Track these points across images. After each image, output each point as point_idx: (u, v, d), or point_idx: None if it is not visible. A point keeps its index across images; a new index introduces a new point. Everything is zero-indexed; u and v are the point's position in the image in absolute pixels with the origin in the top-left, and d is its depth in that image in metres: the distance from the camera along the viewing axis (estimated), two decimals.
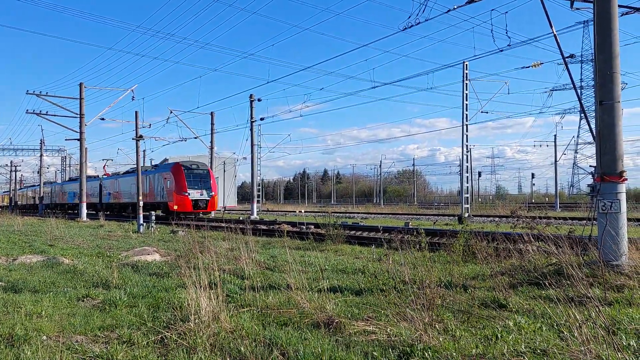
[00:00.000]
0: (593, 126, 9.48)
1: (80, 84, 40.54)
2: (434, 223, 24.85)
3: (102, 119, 43.96)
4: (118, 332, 5.98)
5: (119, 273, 9.91)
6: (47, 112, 40.91)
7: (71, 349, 5.36)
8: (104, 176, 53.77)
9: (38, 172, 72.53)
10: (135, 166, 32.63)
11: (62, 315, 6.91)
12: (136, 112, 27.65)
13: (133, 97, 42.34)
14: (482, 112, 35.35)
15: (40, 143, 67.68)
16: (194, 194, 36.71)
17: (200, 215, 37.58)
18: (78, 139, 40.60)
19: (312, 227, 22.76)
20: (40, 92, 39.91)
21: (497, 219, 28.90)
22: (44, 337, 5.80)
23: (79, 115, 40.26)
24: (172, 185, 36.81)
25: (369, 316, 6.28)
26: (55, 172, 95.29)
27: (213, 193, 37.90)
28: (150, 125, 62.87)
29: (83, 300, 7.91)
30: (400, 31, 17.84)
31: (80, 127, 40.21)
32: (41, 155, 68.22)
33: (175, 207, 36.21)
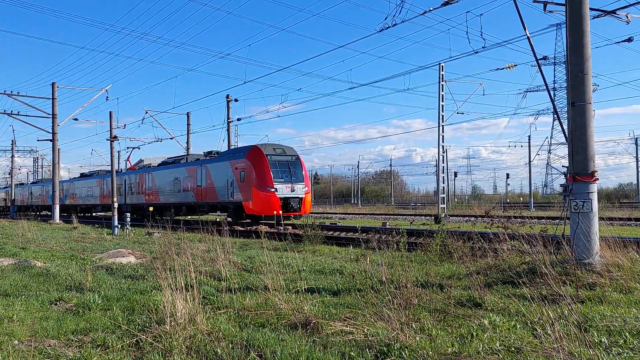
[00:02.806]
0: (565, 127, 9.65)
1: (53, 84, 39.83)
2: (411, 223, 24.98)
3: (76, 119, 43.53)
4: (92, 336, 5.88)
5: (93, 276, 9.76)
6: (18, 112, 40.05)
7: (44, 354, 5.26)
8: (129, 170, 42.48)
9: (9, 174, 71.04)
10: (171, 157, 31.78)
11: (35, 319, 6.77)
12: (110, 112, 27.45)
13: (107, 97, 41.68)
14: (458, 113, 35.79)
15: (12, 144, 66.39)
16: (283, 190, 25.63)
17: (291, 219, 26.34)
18: (51, 140, 39.89)
19: (290, 227, 22.75)
20: (12, 91, 39.17)
21: (473, 218, 29.22)
22: (16, 342, 5.68)
23: (51, 116, 39.54)
24: (250, 178, 25.95)
25: (346, 316, 6.29)
26: (27, 173, 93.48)
27: (306, 188, 26.87)
28: (125, 125, 62.17)
29: (56, 304, 7.77)
30: (377, 32, 17.88)
31: (53, 127, 39.51)
32: (12, 157, 66.88)
33: (254, 209, 25.68)
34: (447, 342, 5.24)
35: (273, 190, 25.29)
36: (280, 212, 25.03)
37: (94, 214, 48.52)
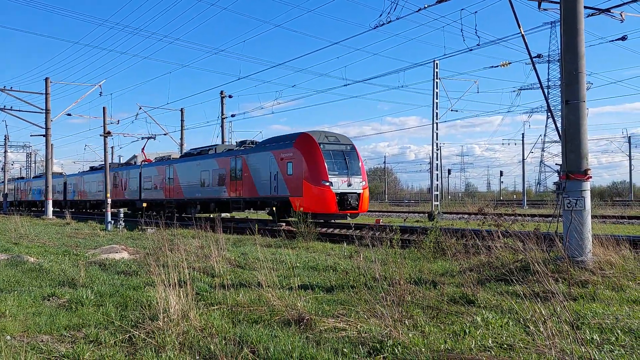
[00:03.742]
0: (559, 125, 9.68)
1: (46, 79, 39.66)
2: (405, 220, 25.03)
3: (69, 114, 43.11)
4: (85, 332, 5.87)
5: (86, 271, 9.72)
6: (11, 107, 39.91)
7: (36, 349, 5.24)
8: (144, 162, 38.25)
9: (2, 169, 70.69)
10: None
11: (27, 314, 6.75)
12: (104, 107, 27.19)
13: (101, 92, 41.60)
14: (452, 110, 35.69)
15: (5, 139, 66.03)
16: (339, 185, 21.99)
17: (348, 218, 22.72)
18: (44, 135, 39.72)
19: (284, 224, 22.74)
20: (5, 86, 38.92)
21: (466, 216, 29.32)
22: (8, 337, 5.66)
23: (44, 111, 39.35)
24: (300, 170, 22.42)
25: (339, 313, 6.29)
26: (20, 168, 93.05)
27: (364, 182, 23.18)
28: (118, 121, 61.99)
29: (49, 300, 7.74)
30: (372, 29, 17.95)
31: (46, 122, 39.31)
32: (5, 152, 66.56)
33: (305, 206, 21.66)
34: (440, 338, 5.25)
35: (328, 184, 21.70)
36: (337, 209, 21.70)
37: (104, 211, 45.92)
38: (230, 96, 42.21)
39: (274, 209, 24.07)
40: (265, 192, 24.50)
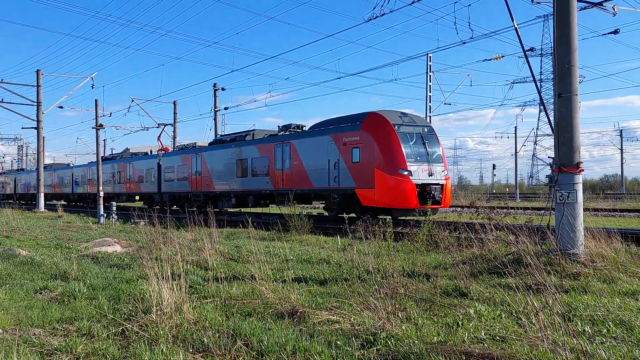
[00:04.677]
0: (552, 118, 9.70)
1: (38, 71, 39.31)
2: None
3: (61, 107, 42.84)
4: (77, 325, 5.85)
5: (79, 265, 9.69)
6: (2, 99, 39.51)
7: (28, 342, 5.22)
8: (161, 152, 35.04)
9: None
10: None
11: (19, 307, 6.73)
12: (96, 100, 27.00)
13: (93, 85, 41.43)
14: (445, 103, 35.85)
15: None
16: (419, 174, 18.50)
17: (429, 213, 14.76)
18: (35, 128, 39.42)
19: (277, 217, 22.70)
20: None
21: (459, 209, 29.40)
22: (0, 330, 5.63)
23: (36, 103, 39.03)
24: (371, 157, 18.89)
25: (333, 306, 6.31)
26: (11, 161, 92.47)
27: (446, 172, 19.73)
28: (110, 114, 61.63)
29: (41, 293, 7.71)
30: (366, 22, 17.93)
31: (38, 115, 39.01)
32: None
33: (379, 199, 18.48)
34: (433, 331, 5.28)
35: (407, 173, 18.14)
36: (418, 203, 17.93)
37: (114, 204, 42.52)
38: (223, 89, 42.06)
39: (334, 202, 20.86)
40: (321, 183, 21.08)
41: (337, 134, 20.54)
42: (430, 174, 18.80)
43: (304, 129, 24.31)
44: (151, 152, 39.01)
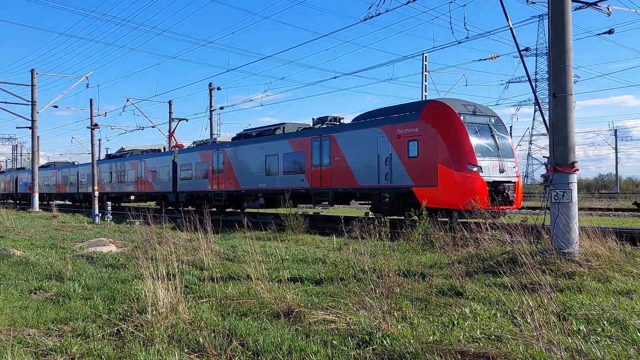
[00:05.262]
0: (547, 118, 9.73)
1: (32, 71, 39.16)
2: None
3: (55, 106, 42.70)
4: (72, 325, 5.83)
5: (73, 265, 9.66)
6: None
7: (23, 343, 5.19)
8: (176, 149, 32.59)
9: None
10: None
11: (14, 308, 6.70)
12: (91, 99, 26.94)
13: (88, 84, 41.07)
14: None
15: None
16: (489, 170, 16.20)
17: (507, 214, 15.49)
18: (30, 127, 39.28)
19: (273, 217, 22.64)
20: None
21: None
22: None
23: (30, 103, 38.89)
24: (433, 151, 16.61)
25: (328, 305, 6.31)
26: (6, 161, 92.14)
27: (517, 168, 17.54)
28: (105, 113, 61.26)
29: (35, 293, 7.69)
30: (362, 21, 17.94)
31: (32, 115, 38.87)
32: None
33: (444, 199, 16.13)
34: (429, 330, 5.28)
35: (476, 169, 15.86)
36: (489, 203, 14.71)
37: (122, 205, 38.08)
38: (218, 88, 42.08)
39: (384, 202, 18.46)
40: (369, 181, 18.73)
41: (388, 126, 18.08)
42: (502, 170, 16.44)
43: (341, 121, 22.50)
44: (164, 149, 36.84)
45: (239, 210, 27.21)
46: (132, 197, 35.96)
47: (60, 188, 46.92)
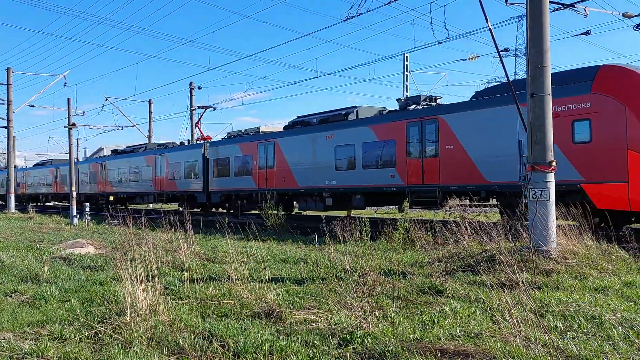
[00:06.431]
0: (525, 118, 9.84)
1: (8, 69, 38.53)
2: (375, 212, 25.15)
3: (32, 105, 42.00)
4: (49, 328, 5.74)
5: (50, 267, 9.52)
6: None
7: None
8: (205, 141, 28.24)
9: None
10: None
11: None
12: (68, 99, 26.57)
13: (65, 83, 40.48)
14: None
15: None
16: None
17: None
18: (5, 127, 38.65)
19: (255, 217, 22.53)
20: None
21: (435, 207, 29.55)
22: None
23: (6, 102, 38.26)
24: (618, 134, 12.62)
25: (310, 305, 6.30)
26: None
27: None
28: (84, 113, 60.53)
29: (11, 296, 7.55)
30: (343, 21, 17.94)
31: (8, 114, 38.25)
32: None
33: (631, 200, 12.43)
34: (409, 328, 5.31)
35: None
36: None
37: (130, 206, 34.84)
38: (199, 87, 41.76)
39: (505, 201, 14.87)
40: (503, 177, 14.64)
41: (563, 97, 13.47)
42: None
43: (437, 101, 18.57)
44: (187, 140, 32.38)
45: (294, 213, 23.94)
46: (150, 199, 31.55)
47: (58, 187, 42.49)
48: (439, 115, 16.44)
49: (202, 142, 27.98)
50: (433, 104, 18.30)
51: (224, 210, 26.06)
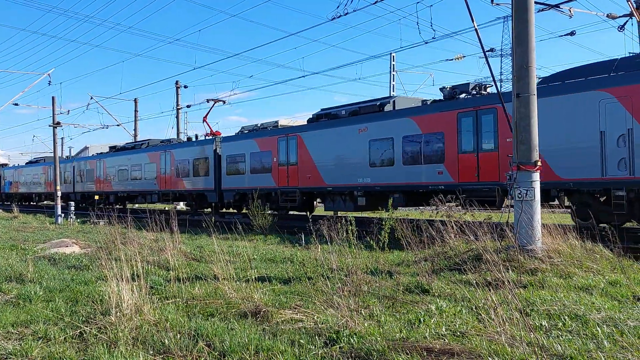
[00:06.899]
0: (511, 118, 9.91)
1: None
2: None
3: (16, 104, 41.70)
4: (33, 328, 5.68)
5: (35, 266, 9.42)
6: None
7: None
8: (216, 137, 26.04)
9: None
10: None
11: None
12: (53, 97, 26.34)
13: (50, 81, 39.95)
14: None
15: None
16: None
17: None
18: None
19: (241, 216, 22.43)
20: None
21: (421, 207, 29.71)
22: None
23: None
24: None
25: (296, 304, 6.30)
26: None
27: None
28: (68, 111, 59.97)
29: None
30: (330, 20, 17.92)
31: None
32: None
33: None
34: (395, 327, 5.33)
35: None
36: None
37: (136, 206, 33.45)
38: (185, 86, 41.72)
39: (617, 205, 12.36)
40: (580, 173, 12.97)
41: (623, 87, 12.09)
42: None
43: (487, 89, 16.69)
44: (195, 135, 29.59)
45: (325, 214, 21.25)
46: (153, 198, 29.61)
47: (51, 187, 36.50)
48: (499, 104, 13.00)
49: (212, 137, 26.15)
50: (484, 92, 16.37)
51: (234, 210, 24.59)
